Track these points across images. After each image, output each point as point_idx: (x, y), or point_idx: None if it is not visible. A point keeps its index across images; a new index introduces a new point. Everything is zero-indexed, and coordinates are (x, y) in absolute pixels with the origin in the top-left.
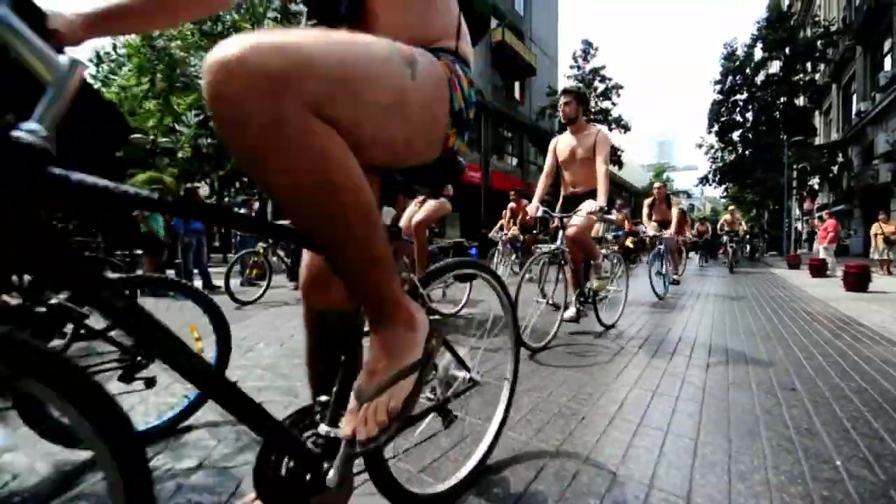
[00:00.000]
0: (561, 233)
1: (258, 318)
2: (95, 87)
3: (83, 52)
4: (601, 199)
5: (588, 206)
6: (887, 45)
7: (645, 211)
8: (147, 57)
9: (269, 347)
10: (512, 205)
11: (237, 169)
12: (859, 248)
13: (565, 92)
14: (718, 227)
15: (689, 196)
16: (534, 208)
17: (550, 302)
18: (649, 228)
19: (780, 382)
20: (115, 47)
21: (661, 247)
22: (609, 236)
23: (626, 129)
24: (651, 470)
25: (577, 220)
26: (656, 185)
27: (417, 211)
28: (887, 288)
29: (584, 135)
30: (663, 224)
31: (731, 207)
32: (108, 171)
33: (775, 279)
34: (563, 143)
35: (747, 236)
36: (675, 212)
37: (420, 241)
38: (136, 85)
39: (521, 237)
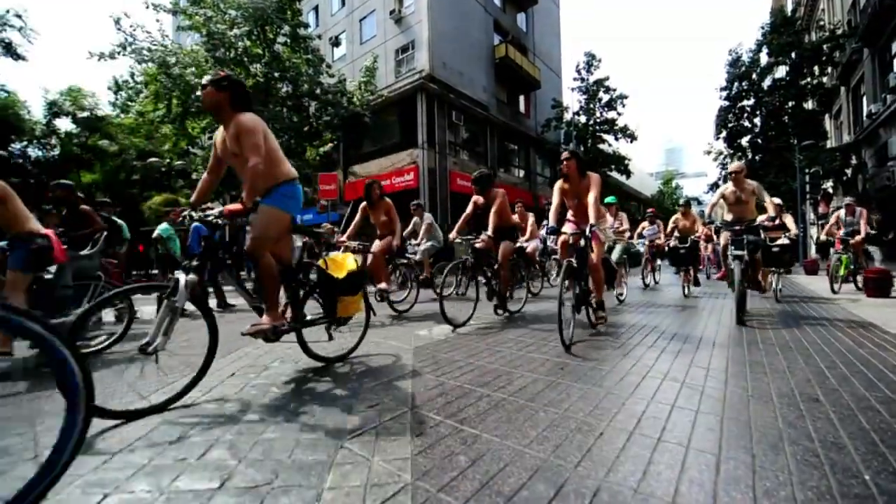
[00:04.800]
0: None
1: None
2: (114, 112)
3: (102, 80)
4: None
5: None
6: (895, 47)
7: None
8: (163, 84)
9: (284, 365)
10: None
11: None
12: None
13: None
14: (708, 212)
15: (699, 203)
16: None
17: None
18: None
19: (802, 394)
20: (132, 75)
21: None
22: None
23: (633, 138)
24: (673, 487)
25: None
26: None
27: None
28: None
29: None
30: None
31: (733, 166)
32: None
33: None
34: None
35: (785, 238)
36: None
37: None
38: (153, 111)
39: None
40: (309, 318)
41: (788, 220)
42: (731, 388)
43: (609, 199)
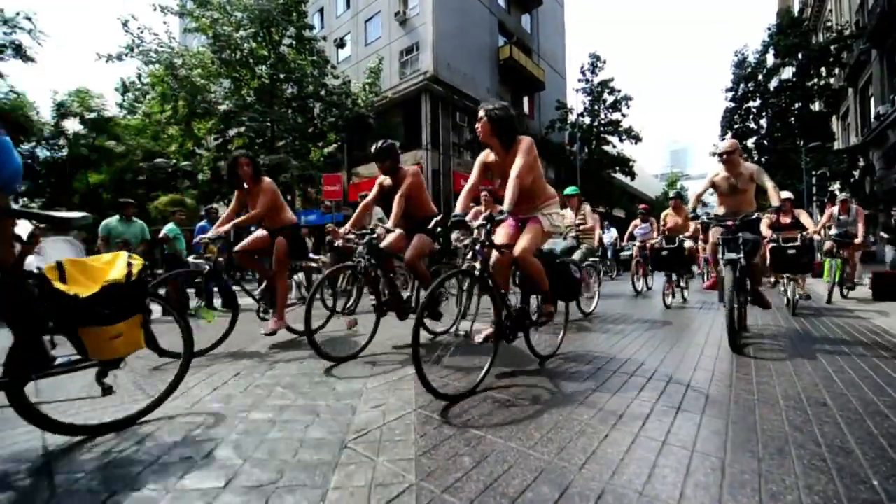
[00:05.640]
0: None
1: (274, 337)
2: (121, 114)
3: (110, 82)
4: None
5: None
6: None
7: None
8: (170, 85)
9: (289, 366)
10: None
11: None
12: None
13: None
14: (692, 204)
15: (704, 204)
16: None
17: None
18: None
19: (809, 398)
20: (139, 77)
21: None
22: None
23: (638, 139)
24: (678, 490)
25: None
26: None
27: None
28: None
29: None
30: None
31: (724, 144)
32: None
33: None
34: None
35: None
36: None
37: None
38: (159, 112)
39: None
40: (60, 361)
41: (805, 217)
42: (736, 392)
43: (569, 190)
